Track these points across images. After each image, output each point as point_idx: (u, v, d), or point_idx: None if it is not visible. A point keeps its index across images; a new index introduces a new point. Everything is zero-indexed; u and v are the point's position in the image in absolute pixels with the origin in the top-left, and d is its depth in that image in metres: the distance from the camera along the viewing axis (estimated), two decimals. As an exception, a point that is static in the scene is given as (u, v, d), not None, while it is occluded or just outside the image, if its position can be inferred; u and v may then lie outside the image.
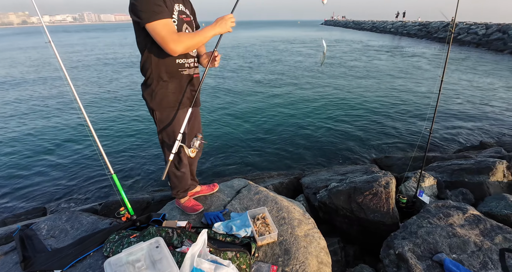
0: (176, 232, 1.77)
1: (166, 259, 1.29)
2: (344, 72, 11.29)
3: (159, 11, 1.40)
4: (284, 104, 7.23)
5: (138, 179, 3.94)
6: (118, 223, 2.13)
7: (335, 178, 3.06)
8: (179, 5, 1.61)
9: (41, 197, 3.77)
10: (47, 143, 5.34)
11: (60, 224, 2.22)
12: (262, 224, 1.92)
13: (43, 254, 1.91)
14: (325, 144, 5.13)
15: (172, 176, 2.01)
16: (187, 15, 1.66)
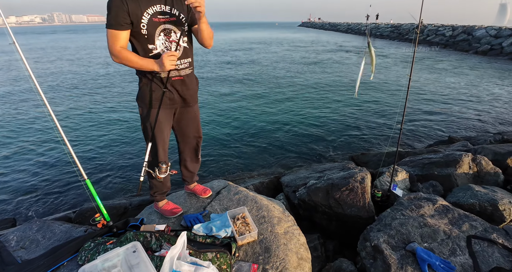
0: (154, 236, 1.74)
1: (144, 263, 1.27)
2: (320, 72, 11.56)
3: (112, 22, 1.49)
4: (263, 104, 7.30)
5: (114, 183, 3.82)
6: (93, 230, 2.06)
7: (314, 175, 3.13)
8: (160, 5, 1.57)
9: (10, 206, 3.56)
10: (15, 148, 5.05)
11: (30, 234, 2.11)
12: (242, 223, 1.93)
13: (12, 266, 1.81)
14: (303, 143, 5.23)
15: (150, 177, 1.98)
16: (171, 14, 1.61)
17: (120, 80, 10.36)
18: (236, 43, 21.18)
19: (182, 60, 1.72)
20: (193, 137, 2.06)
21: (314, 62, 13.64)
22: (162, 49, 1.63)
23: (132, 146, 4.62)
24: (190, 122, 1.99)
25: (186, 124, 1.98)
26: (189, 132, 2.02)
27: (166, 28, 1.61)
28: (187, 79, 1.80)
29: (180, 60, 1.70)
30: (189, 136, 2.04)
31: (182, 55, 1.70)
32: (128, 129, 5.34)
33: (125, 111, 6.79)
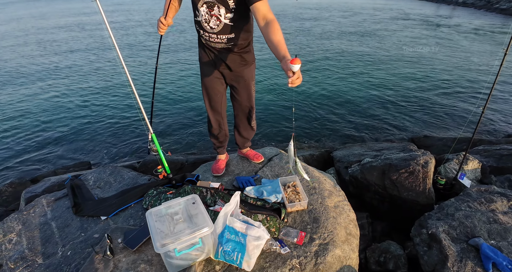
0: (210, 192, 1.85)
1: (202, 215, 1.36)
2: (389, 45, 10.43)
3: None
4: (321, 77, 6.94)
5: (175, 141, 4.13)
6: (155, 180, 2.27)
7: (369, 153, 2.95)
8: None
9: (86, 152, 4.11)
10: (93, 101, 5.68)
11: (104, 176, 2.41)
12: (293, 191, 1.94)
13: (90, 202, 2.12)
14: (358, 120, 4.92)
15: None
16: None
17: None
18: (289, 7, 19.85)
19: (219, 36, 1.70)
20: (244, 105, 2.06)
21: (373, 33, 12.31)
22: (202, 19, 1.66)
23: (197, 108, 4.82)
24: (241, 91, 1.99)
25: (237, 92, 2.00)
26: (240, 99, 2.03)
27: (209, 1, 1.59)
28: (224, 52, 1.79)
29: (216, 35, 1.70)
30: (241, 103, 2.05)
31: (221, 31, 1.68)
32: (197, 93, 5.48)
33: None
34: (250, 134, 2.31)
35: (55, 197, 2.21)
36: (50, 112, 5.27)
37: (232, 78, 1.93)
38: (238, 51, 1.81)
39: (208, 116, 2.09)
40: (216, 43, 1.74)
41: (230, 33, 1.70)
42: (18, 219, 2.03)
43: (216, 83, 1.94)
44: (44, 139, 4.46)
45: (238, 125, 2.22)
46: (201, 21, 1.66)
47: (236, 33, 1.71)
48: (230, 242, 1.47)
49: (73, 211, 2.02)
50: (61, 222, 1.96)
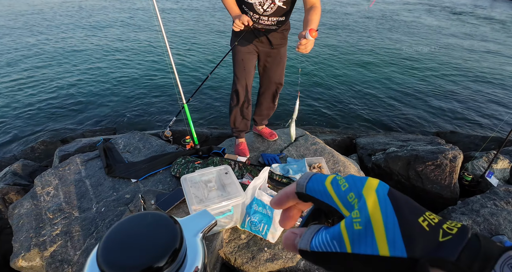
0: (238, 165, 1.89)
1: (235, 185, 1.40)
2: (422, 35, 9.88)
3: None
4: (348, 63, 6.72)
5: (203, 114, 4.18)
6: (183, 150, 2.33)
7: (395, 143, 2.90)
8: None
9: (115, 117, 4.24)
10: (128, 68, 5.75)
11: (134, 142, 2.49)
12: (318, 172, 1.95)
13: (122, 164, 2.21)
14: (384, 109, 4.79)
15: (229, 109, 2.13)
16: None
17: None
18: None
19: (270, 18, 1.73)
20: (274, 82, 2.04)
21: (405, 22, 11.64)
22: (257, 2, 1.67)
23: (220, 86, 4.81)
24: (275, 67, 1.97)
25: (271, 69, 1.98)
26: (273, 76, 2.01)
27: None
28: (269, 32, 1.82)
29: (268, 17, 1.72)
30: (272, 80, 2.03)
31: (273, 13, 1.71)
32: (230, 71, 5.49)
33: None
34: (271, 112, 2.30)
35: (88, 157, 2.32)
36: (81, 75, 5.40)
37: (269, 55, 1.93)
38: (281, 30, 1.85)
39: (238, 96, 2.01)
40: (265, 25, 1.78)
41: (282, 16, 1.75)
42: (55, 174, 2.15)
43: (252, 62, 1.94)
44: (73, 102, 4.61)
45: (261, 104, 2.21)
46: (254, 3, 1.68)
47: (286, 15, 1.76)
48: (257, 214, 1.52)
49: (106, 171, 2.12)
50: (94, 181, 2.07)
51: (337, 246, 0.22)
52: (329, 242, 0.23)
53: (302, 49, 1.48)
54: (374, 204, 0.23)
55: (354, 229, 0.22)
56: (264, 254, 1.52)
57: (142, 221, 0.38)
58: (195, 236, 0.46)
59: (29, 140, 3.83)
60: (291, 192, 0.30)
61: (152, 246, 0.34)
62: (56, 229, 1.73)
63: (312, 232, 0.25)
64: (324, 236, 0.23)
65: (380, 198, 0.23)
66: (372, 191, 0.24)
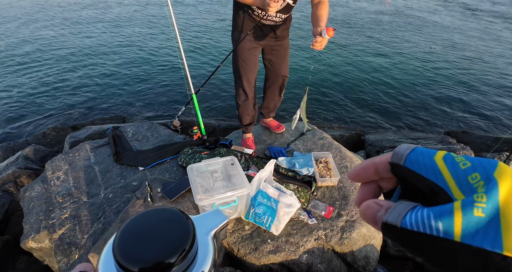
0: (244, 156, 1.89)
1: (240, 176, 1.40)
2: (441, 30, 9.61)
3: None
4: (362, 58, 6.60)
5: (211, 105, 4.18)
6: (190, 140, 2.35)
7: (404, 141, 2.86)
8: None
9: (124, 106, 4.29)
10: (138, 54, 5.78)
11: (142, 131, 2.52)
12: (324, 167, 1.94)
13: (130, 152, 2.24)
14: (395, 106, 4.71)
15: (236, 105, 2.10)
16: None
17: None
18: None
19: (278, 14, 1.72)
20: (280, 75, 2.03)
21: (421, 22, 11.31)
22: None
23: (228, 78, 4.80)
24: (280, 60, 1.96)
25: (276, 62, 1.96)
26: (278, 69, 1.99)
27: None
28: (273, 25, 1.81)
29: (276, 13, 1.71)
30: (278, 73, 2.01)
31: (281, 10, 1.70)
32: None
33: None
34: (278, 104, 2.29)
35: (97, 144, 2.35)
36: (92, 64, 5.45)
37: (273, 48, 1.92)
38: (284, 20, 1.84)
39: (244, 91, 1.97)
40: (271, 21, 1.76)
41: (288, 13, 1.76)
42: (65, 159, 2.20)
43: (256, 57, 1.93)
44: (84, 90, 4.67)
45: (267, 97, 2.19)
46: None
47: (291, 10, 1.77)
48: (262, 206, 1.53)
49: (114, 159, 2.15)
50: (103, 167, 2.11)
51: (441, 229, 0.18)
52: (432, 222, 0.18)
53: (317, 47, 1.48)
54: (510, 191, 0.18)
55: (473, 214, 0.18)
56: (267, 246, 1.53)
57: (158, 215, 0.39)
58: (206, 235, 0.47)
59: (41, 126, 3.91)
60: (383, 161, 0.25)
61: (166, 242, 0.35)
62: (65, 212, 1.78)
63: (406, 207, 0.20)
64: (425, 213, 0.19)
65: None
66: (508, 175, 0.19)
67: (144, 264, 0.31)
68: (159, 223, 0.38)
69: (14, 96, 4.43)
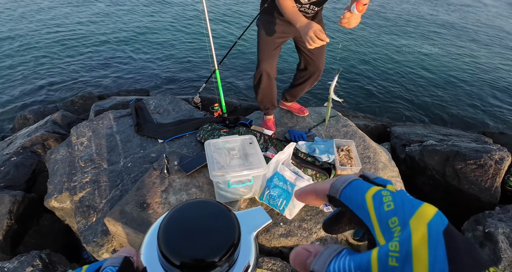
0: (263, 137, 1.84)
1: (258, 156, 1.36)
2: (489, 20, 8.78)
3: None
4: (397, 45, 6.19)
5: (235, 85, 4.13)
6: (210, 117, 2.32)
7: (434, 136, 2.67)
8: None
9: (148, 79, 4.34)
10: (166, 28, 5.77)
11: (164, 104, 2.52)
12: (346, 156, 1.86)
13: (150, 124, 2.25)
14: (429, 98, 4.41)
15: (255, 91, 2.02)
16: None
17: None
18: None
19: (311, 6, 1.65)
20: (318, 69, 1.92)
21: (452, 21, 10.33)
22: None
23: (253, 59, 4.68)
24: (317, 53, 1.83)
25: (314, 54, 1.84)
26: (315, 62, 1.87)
27: None
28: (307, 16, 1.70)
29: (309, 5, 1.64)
30: (317, 67, 1.90)
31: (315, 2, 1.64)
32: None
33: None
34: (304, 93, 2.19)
35: (120, 114, 2.39)
36: (120, 33, 5.51)
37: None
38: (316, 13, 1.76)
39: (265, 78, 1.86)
40: (304, 12, 1.68)
41: (321, 6, 1.69)
42: (89, 126, 2.25)
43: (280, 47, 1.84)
44: (112, 62, 4.75)
45: (297, 87, 2.05)
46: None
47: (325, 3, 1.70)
48: (277, 188, 1.49)
49: (135, 130, 2.18)
50: (124, 137, 2.14)
51: None
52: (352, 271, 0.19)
53: (345, 24, 1.35)
54: (421, 240, 0.18)
55: (388, 265, 0.18)
56: (279, 229, 1.51)
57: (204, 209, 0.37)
58: (249, 234, 0.44)
59: (70, 93, 4.05)
60: (322, 191, 0.26)
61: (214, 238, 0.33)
62: (86, 177, 1.84)
63: (331, 254, 0.21)
64: (347, 262, 0.20)
65: (431, 235, 0.18)
66: (423, 223, 0.19)
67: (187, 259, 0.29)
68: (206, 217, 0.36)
69: (51, 64, 4.60)
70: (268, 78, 1.87)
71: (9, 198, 1.85)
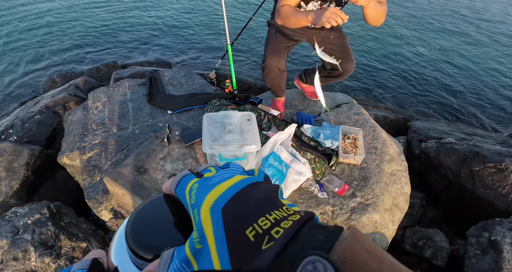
0: (267, 116, 1.81)
1: (253, 133, 1.34)
2: None
3: None
4: (431, 34, 5.71)
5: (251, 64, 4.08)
6: (221, 92, 2.32)
7: (456, 134, 2.49)
8: None
9: (169, 52, 4.40)
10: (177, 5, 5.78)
11: (178, 77, 2.55)
12: (351, 144, 1.79)
13: (162, 95, 2.30)
14: (455, 94, 4.08)
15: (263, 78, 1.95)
16: None
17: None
18: None
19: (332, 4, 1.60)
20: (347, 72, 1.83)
21: None
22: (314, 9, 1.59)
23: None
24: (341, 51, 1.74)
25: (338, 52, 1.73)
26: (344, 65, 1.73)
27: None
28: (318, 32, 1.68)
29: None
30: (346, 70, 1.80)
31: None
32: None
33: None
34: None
35: (135, 83, 2.45)
36: (150, 9, 5.57)
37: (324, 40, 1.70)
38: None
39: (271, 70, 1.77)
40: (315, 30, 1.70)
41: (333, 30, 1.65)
42: (105, 92, 2.34)
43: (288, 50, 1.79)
44: (137, 32, 4.85)
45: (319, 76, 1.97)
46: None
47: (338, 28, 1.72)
48: (272, 168, 1.48)
49: (147, 99, 2.23)
50: (136, 105, 2.21)
51: (186, 268, 0.22)
52: (180, 267, 0.22)
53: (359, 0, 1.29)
54: (207, 222, 0.23)
55: (196, 249, 0.22)
56: (269, 208, 1.51)
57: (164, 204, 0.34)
58: None
59: (98, 60, 4.22)
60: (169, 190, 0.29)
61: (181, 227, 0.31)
62: (96, 139, 1.93)
63: (166, 262, 0.23)
64: (177, 262, 0.23)
65: (213, 215, 0.23)
66: (207, 208, 0.23)
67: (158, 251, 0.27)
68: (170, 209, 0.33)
69: (85, 31, 4.77)
70: (278, 71, 1.78)
71: (27, 151, 2.00)
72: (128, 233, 0.29)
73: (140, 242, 0.29)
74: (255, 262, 0.19)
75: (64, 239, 1.56)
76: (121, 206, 1.58)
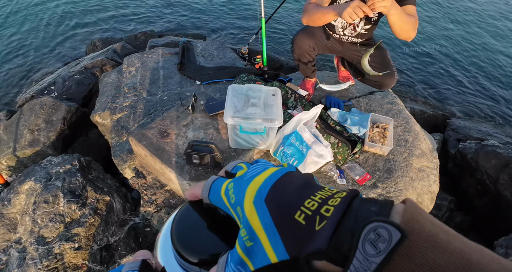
0: (294, 95, 1.76)
1: (277, 109, 1.31)
2: None
3: None
4: (485, 20, 5.11)
5: (285, 41, 3.95)
6: (251, 68, 2.28)
7: (501, 137, 2.26)
8: None
9: (203, 25, 4.40)
10: None
11: (210, 49, 2.53)
12: (379, 133, 1.69)
13: (193, 65, 2.31)
14: (505, 94, 3.67)
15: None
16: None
17: None
18: None
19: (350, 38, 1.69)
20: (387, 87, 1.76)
21: None
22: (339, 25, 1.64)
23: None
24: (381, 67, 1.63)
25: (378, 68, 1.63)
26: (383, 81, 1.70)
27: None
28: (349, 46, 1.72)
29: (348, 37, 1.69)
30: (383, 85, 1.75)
31: (353, 36, 1.68)
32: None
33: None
34: None
35: (169, 52, 2.48)
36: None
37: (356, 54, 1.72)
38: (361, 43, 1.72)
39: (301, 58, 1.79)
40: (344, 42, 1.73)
41: (361, 38, 1.70)
42: (139, 58, 2.40)
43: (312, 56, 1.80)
44: (179, 5, 4.86)
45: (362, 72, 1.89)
46: (336, 26, 1.66)
47: (367, 36, 1.70)
48: (292, 147, 1.44)
49: (178, 68, 2.25)
50: (167, 73, 2.24)
51: (242, 270, 0.22)
52: (236, 270, 0.22)
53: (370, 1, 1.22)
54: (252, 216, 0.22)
55: (247, 247, 0.22)
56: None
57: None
58: None
59: (137, 28, 4.32)
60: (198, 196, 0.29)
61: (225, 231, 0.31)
62: (126, 101, 2.00)
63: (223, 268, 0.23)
64: (231, 266, 0.22)
65: (257, 208, 0.22)
66: (250, 203, 0.23)
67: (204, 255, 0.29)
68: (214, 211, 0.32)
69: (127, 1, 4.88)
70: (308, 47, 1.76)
71: (65, 106, 2.13)
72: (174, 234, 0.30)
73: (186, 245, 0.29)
74: (312, 245, 0.19)
75: (90, 190, 1.67)
76: (143, 166, 1.65)
